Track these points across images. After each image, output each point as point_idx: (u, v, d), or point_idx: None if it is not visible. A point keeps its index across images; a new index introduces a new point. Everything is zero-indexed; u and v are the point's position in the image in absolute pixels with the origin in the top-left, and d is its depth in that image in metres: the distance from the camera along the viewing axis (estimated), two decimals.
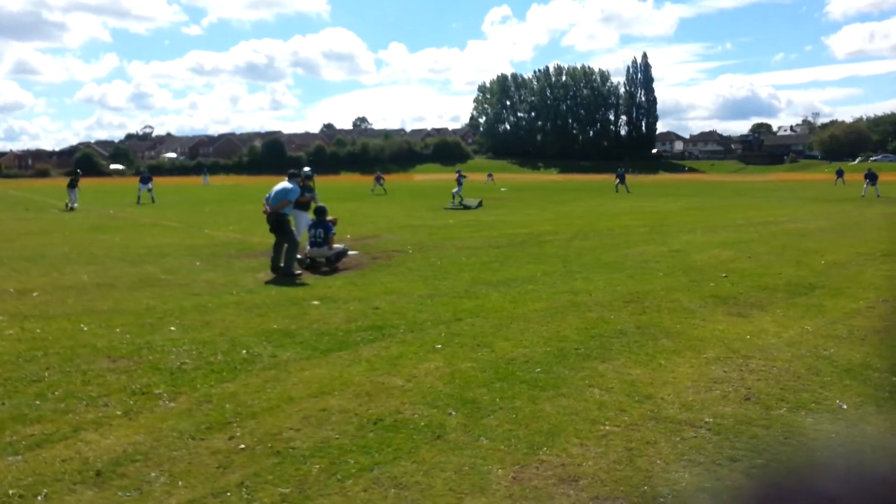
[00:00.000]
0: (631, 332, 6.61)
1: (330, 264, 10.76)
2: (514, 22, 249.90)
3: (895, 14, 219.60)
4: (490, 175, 58.21)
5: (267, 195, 10.70)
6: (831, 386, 5.07)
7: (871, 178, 31.85)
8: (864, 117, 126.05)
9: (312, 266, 10.74)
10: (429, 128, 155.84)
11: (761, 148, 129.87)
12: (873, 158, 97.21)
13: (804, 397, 4.83)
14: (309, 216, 11.41)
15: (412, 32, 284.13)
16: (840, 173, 51.65)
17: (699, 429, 4.26)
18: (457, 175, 29.57)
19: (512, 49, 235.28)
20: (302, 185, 11.41)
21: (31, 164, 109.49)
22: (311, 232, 10.99)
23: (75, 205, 26.37)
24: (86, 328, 6.77)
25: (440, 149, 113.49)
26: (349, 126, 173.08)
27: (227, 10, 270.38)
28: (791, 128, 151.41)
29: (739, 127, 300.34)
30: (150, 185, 31.39)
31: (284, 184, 10.66)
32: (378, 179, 40.62)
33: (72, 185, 26.95)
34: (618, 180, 39.53)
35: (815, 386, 5.07)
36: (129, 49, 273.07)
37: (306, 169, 12.57)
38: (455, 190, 27.80)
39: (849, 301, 8.03)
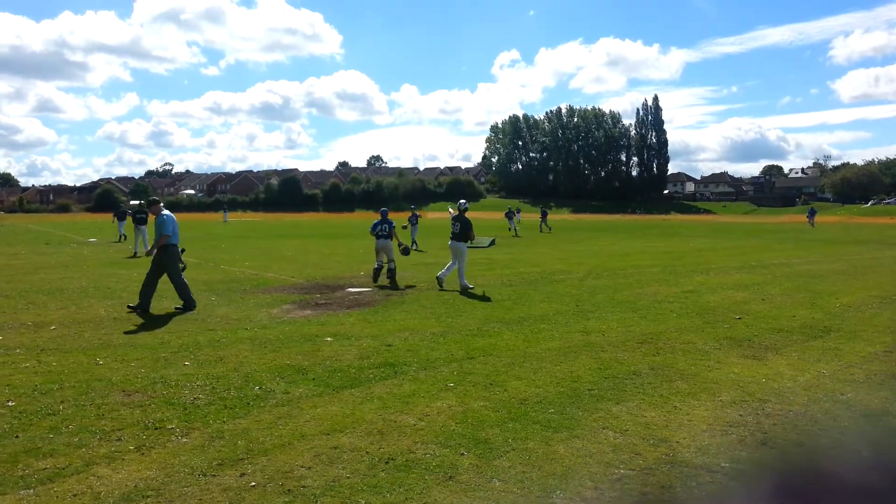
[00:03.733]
0: (645, 374, 6.56)
1: (391, 276, 13.45)
2: (523, 65, 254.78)
3: None
4: (518, 211, 58.08)
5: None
6: (849, 431, 5.00)
7: None
8: (876, 160, 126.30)
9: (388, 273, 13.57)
10: (441, 166, 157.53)
11: (773, 190, 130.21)
12: (887, 202, 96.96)
13: (822, 443, 4.75)
14: (464, 245, 13.15)
15: (423, 75, 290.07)
16: (812, 213, 50.75)
17: (715, 473, 4.20)
18: (410, 214, 25.83)
19: (521, 91, 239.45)
20: (459, 216, 13.30)
21: (53, 199, 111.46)
22: (378, 228, 14.00)
23: (148, 246, 19.51)
24: (101, 362, 6.81)
25: (453, 187, 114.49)
26: (364, 164, 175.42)
27: (244, 52, 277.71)
28: (802, 170, 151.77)
29: (749, 169, 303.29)
30: (123, 224, 28.54)
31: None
32: (510, 216, 39.74)
33: (140, 222, 21.48)
34: (541, 219, 40.77)
35: (833, 431, 5.00)
36: (148, 89, 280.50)
37: (462, 201, 14.00)
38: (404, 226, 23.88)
39: (865, 345, 7.94)
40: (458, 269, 12.78)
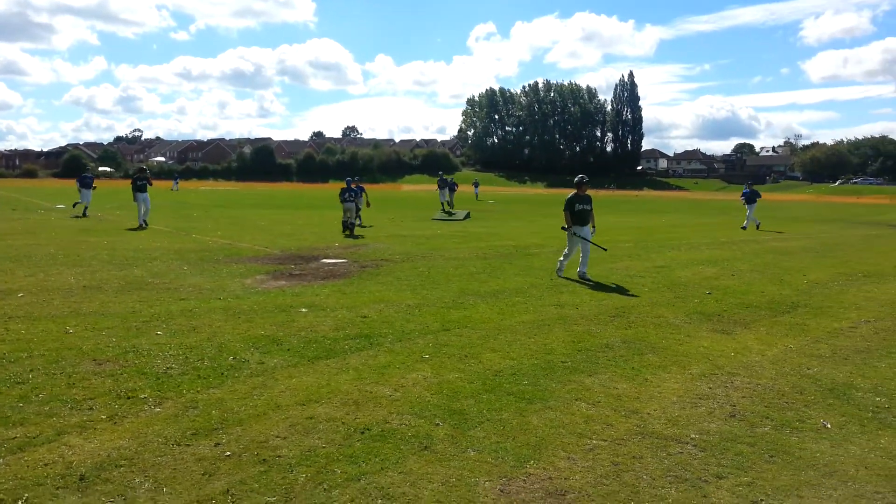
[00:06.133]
0: (617, 347, 6.65)
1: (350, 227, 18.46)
2: (498, 38, 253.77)
3: (868, 42, 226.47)
4: (475, 184, 56.17)
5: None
6: (815, 405, 5.14)
7: (750, 199, 23.66)
8: (845, 140, 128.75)
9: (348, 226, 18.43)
10: (417, 139, 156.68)
11: (744, 168, 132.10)
12: (854, 181, 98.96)
13: (789, 416, 4.88)
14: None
15: (398, 45, 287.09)
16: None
17: (685, 444, 4.29)
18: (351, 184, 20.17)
19: (496, 64, 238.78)
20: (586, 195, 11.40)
21: (19, 164, 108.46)
22: (345, 195, 18.82)
23: (146, 219, 19.65)
24: (71, 330, 6.71)
25: (429, 160, 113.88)
26: (339, 135, 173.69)
27: (214, 17, 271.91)
28: (773, 149, 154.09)
29: (720, 147, 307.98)
30: (89, 192, 24.28)
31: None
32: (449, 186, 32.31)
33: (140, 189, 19.72)
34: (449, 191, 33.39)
35: (800, 405, 5.13)
36: (116, 52, 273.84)
37: (581, 176, 11.81)
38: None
39: (831, 321, 8.14)
40: (584, 256, 11.17)
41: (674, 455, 4.13)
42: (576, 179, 11.61)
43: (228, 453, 3.99)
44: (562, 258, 11.49)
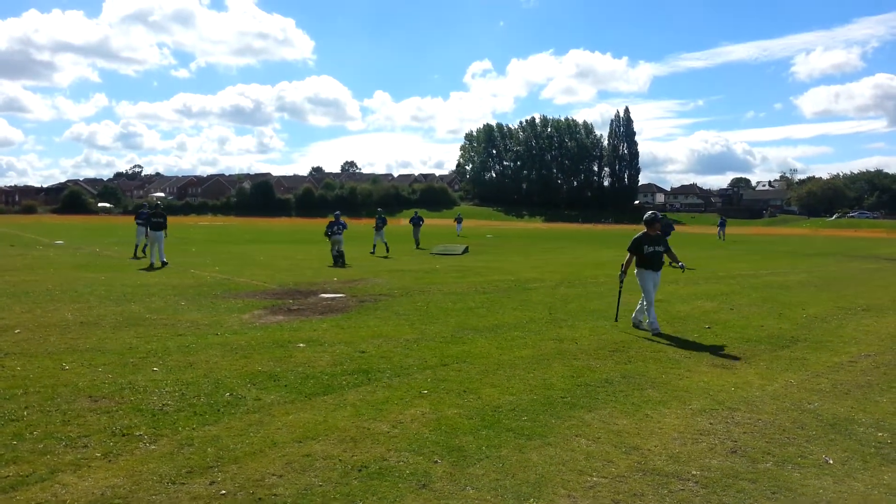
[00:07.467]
0: (617, 382, 6.61)
1: (341, 259, 19.20)
2: (494, 75, 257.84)
3: (858, 78, 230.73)
4: (458, 219, 50.36)
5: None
6: (817, 440, 5.09)
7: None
8: (841, 174, 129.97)
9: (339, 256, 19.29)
10: (416, 173, 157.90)
11: (740, 202, 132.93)
12: (850, 215, 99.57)
13: (790, 451, 4.83)
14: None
15: (396, 82, 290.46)
16: (721, 224, 45.53)
17: (686, 481, 4.24)
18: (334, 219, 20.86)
19: (493, 100, 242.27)
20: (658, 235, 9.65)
21: (18, 200, 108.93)
22: (334, 228, 19.76)
23: (164, 256, 18.51)
24: (67, 367, 6.66)
25: (427, 195, 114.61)
26: (338, 170, 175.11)
27: (215, 55, 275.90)
28: (769, 183, 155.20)
29: (716, 181, 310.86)
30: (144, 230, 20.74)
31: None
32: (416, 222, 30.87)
33: (156, 227, 18.55)
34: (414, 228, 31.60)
35: (801, 440, 5.08)
36: (117, 90, 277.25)
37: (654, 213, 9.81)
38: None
39: (831, 355, 8.11)
40: (648, 302, 9.51)
41: (675, 492, 4.08)
42: (646, 217, 9.71)
43: (224, 492, 3.93)
44: (641, 309, 9.74)
